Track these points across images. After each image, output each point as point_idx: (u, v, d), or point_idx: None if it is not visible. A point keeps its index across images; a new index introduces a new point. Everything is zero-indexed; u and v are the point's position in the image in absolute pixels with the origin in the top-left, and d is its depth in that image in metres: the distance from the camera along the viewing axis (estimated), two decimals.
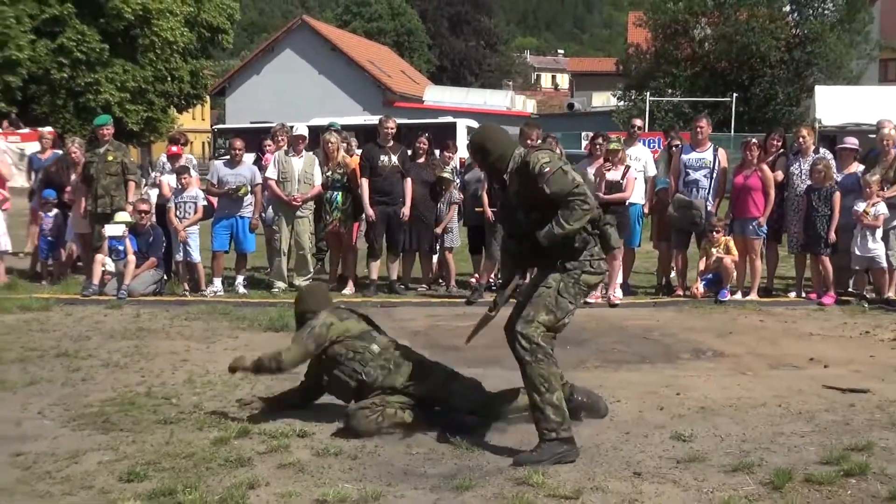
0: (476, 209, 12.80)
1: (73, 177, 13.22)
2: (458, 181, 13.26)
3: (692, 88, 42.94)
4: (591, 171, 12.05)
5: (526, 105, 60.50)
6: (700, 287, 12.09)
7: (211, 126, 57.31)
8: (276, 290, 12.45)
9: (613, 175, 11.69)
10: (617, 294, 11.86)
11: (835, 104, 28.11)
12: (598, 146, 12.28)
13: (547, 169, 5.88)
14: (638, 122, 14.03)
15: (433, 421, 6.43)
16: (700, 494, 5.20)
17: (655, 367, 8.50)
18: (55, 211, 13.56)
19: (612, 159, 11.74)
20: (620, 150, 11.86)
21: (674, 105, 42.36)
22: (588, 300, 11.68)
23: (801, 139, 12.41)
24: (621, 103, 46.59)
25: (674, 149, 12.93)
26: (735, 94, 39.36)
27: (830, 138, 22.46)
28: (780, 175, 12.22)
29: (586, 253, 6.08)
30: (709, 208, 12.13)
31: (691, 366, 8.53)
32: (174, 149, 13.20)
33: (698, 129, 12.40)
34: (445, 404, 6.57)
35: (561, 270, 6.09)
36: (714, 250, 12.08)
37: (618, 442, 6.16)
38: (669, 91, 43.23)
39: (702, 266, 12.24)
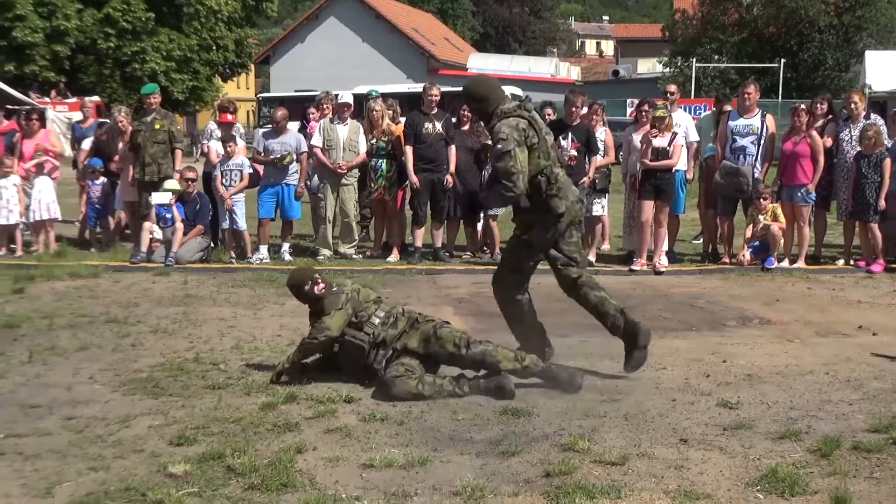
0: None
1: (120, 145, 13.31)
2: None
3: (739, 54, 42.48)
4: (637, 137, 11.98)
5: (570, 72, 59.99)
6: (747, 254, 12.00)
7: (255, 95, 57.51)
8: (322, 257, 12.50)
9: (660, 142, 11.60)
10: (663, 261, 11.80)
11: (885, 69, 27.70)
12: (644, 113, 12.19)
13: (500, 146, 6.63)
14: (672, 87, 13.91)
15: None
16: (747, 461, 5.18)
17: (701, 334, 8.47)
18: (102, 179, 13.68)
19: (658, 126, 11.65)
20: (667, 116, 11.76)
21: (720, 71, 41.93)
22: (633, 267, 11.67)
23: (851, 105, 12.24)
24: (667, 70, 46.14)
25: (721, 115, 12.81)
26: (783, 60, 38.87)
27: (880, 104, 22.16)
28: (829, 141, 12.08)
29: None
30: (756, 175, 12.02)
31: (738, 333, 8.49)
32: (229, 117, 13.25)
33: (746, 96, 12.26)
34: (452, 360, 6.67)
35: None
36: (761, 217, 11.98)
37: (664, 409, 6.15)
38: (716, 57, 42.79)
39: (749, 233, 12.15)
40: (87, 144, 14.54)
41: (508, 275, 7.44)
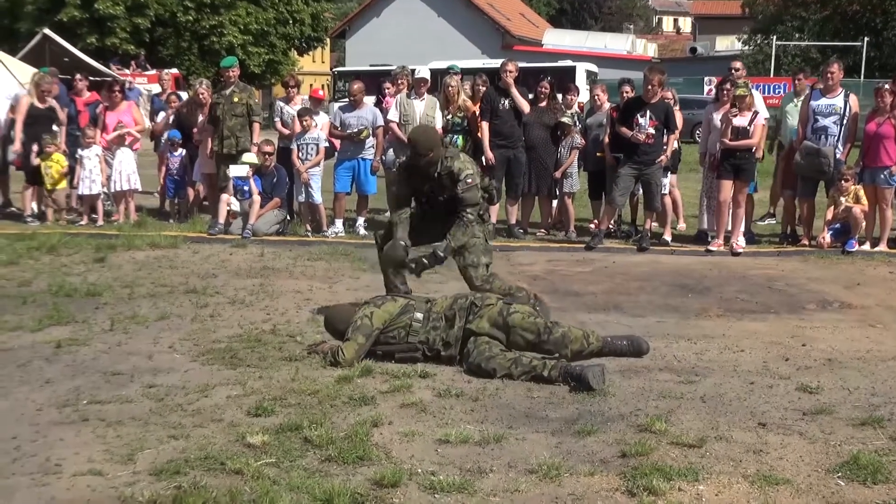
0: (597, 154, 12.68)
1: (200, 118, 13.45)
2: (579, 126, 13.12)
3: (821, 32, 41.64)
4: (717, 116, 11.82)
5: (647, 49, 59.30)
6: (827, 237, 11.79)
7: (331, 69, 57.74)
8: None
9: (740, 121, 11.42)
10: (740, 242, 11.64)
11: None
12: (724, 92, 12.01)
13: (470, 180, 7.69)
14: (737, 64, 13.68)
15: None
16: (827, 447, 5.10)
17: (780, 317, 8.34)
18: (181, 151, 13.85)
19: (739, 105, 11.47)
20: (748, 95, 11.57)
21: (801, 50, 41.13)
22: (710, 248, 11.54)
23: None
24: (746, 48, 45.42)
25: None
26: (866, 39, 38.00)
27: None
28: None
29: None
30: (838, 156, 11.80)
31: (817, 317, 8.34)
32: (320, 93, 13.32)
33: (829, 75, 12.01)
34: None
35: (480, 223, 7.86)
36: (843, 199, 11.75)
37: (742, 392, 6.07)
38: (797, 35, 41.97)
39: (829, 215, 11.93)
40: (163, 116, 14.75)
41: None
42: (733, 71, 13.11)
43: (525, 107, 12.36)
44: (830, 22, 41.96)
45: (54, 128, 13.61)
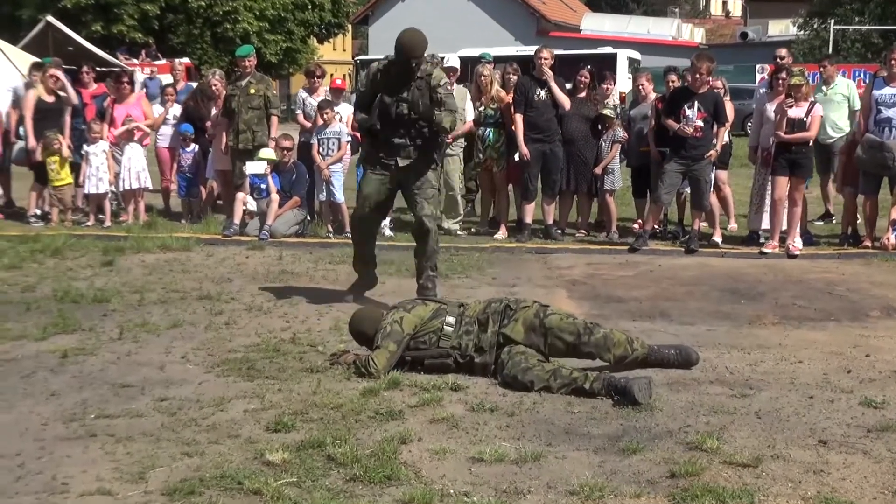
0: (641, 149, 12.65)
1: (213, 111, 13.50)
2: (621, 118, 13.08)
3: (883, 15, 41.31)
4: (770, 107, 11.76)
5: (694, 34, 59.15)
6: (892, 238, 11.70)
7: (353, 57, 57.86)
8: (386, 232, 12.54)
9: (796, 112, 11.35)
10: (797, 243, 11.57)
11: None
12: (779, 81, 11.94)
13: (446, 90, 8.47)
14: (782, 51, 13.62)
15: None
16: (894, 466, 5.05)
17: (841, 325, 8.28)
18: (193, 146, 13.91)
19: (794, 95, 11.40)
20: (804, 84, 11.51)
21: (862, 34, 40.83)
22: (764, 250, 11.48)
23: None
24: (802, 32, 45.15)
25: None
26: None
27: None
28: None
29: None
30: None
31: (882, 325, 8.27)
32: (339, 82, 13.35)
33: (893, 62, 11.92)
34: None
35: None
36: None
37: (800, 407, 6.02)
38: (857, 19, 41.67)
39: (894, 214, 11.83)
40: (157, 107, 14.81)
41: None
42: (779, 59, 13.05)
43: (566, 102, 12.32)
44: (894, 4, 41.62)
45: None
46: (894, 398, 6.16)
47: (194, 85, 15.61)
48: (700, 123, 11.36)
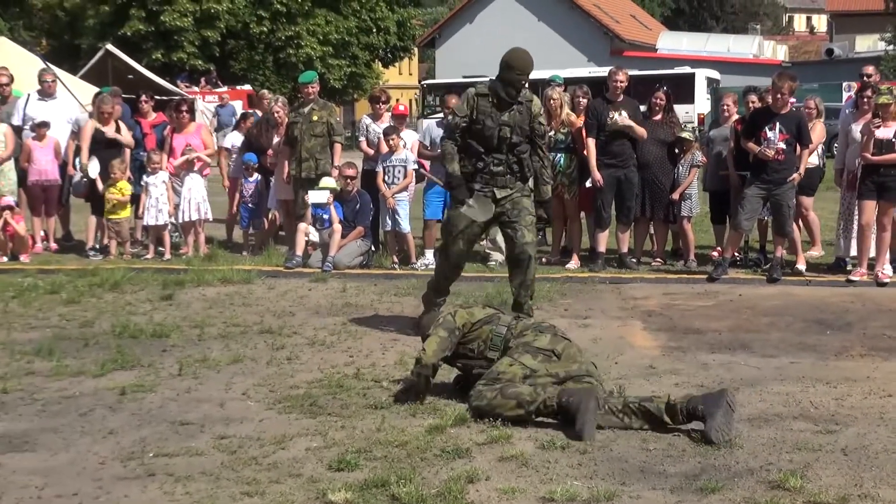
0: (720, 172, 12.57)
1: (275, 139, 13.64)
2: (698, 141, 13.02)
3: None
4: (856, 127, 11.64)
5: (776, 52, 58.67)
6: None
7: (419, 81, 58.22)
8: (493, 262, 12.55)
9: (884, 132, 11.23)
10: (886, 270, 11.41)
11: None
12: (865, 100, 11.83)
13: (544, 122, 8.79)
14: (869, 69, 13.45)
15: None
16: None
17: None
18: (256, 176, 14.06)
19: (882, 114, 11.29)
20: (893, 103, 11.38)
21: None
22: (852, 277, 11.33)
23: None
24: (891, 48, 44.61)
25: None
26: None
27: None
28: None
29: None
30: None
31: None
32: (401, 108, 13.45)
33: None
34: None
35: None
36: None
37: (889, 443, 5.94)
38: None
39: None
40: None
41: None
42: (865, 77, 12.91)
43: (643, 134, 12.30)
44: None
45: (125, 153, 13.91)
46: None
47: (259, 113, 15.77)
48: (782, 146, 11.25)
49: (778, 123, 11.32)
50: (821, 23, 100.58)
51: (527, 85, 12.62)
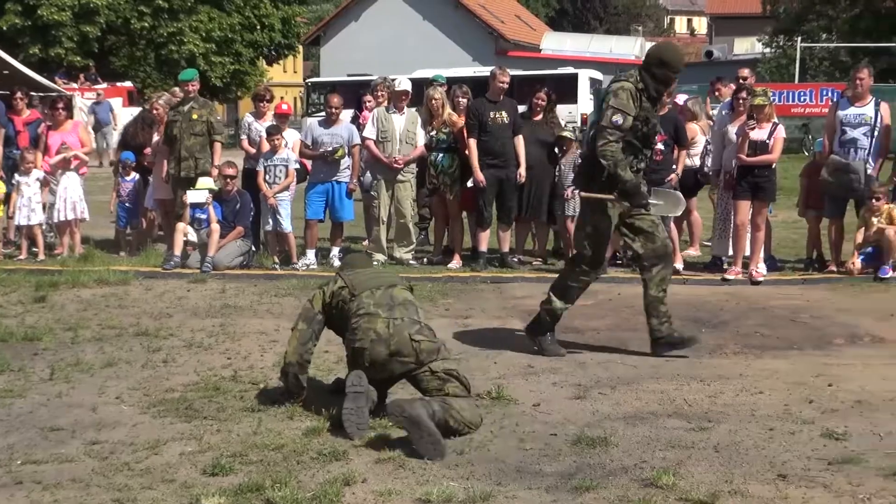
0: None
1: (154, 137, 13.45)
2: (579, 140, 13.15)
3: (851, 32, 41.79)
4: (732, 129, 11.86)
5: None
6: (857, 262, 11.81)
7: (304, 79, 57.86)
8: (376, 263, 12.50)
9: (758, 134, 11.46)
10: (760, 269, 11.66)
11: None
12: (740, 101, 12.06)
13: None
14: (745, 71, 13.79)
15: None
16: (855, 501, 5.10)
17: (804, 353, 8.35)
18: (134, 175, 13.84)
19: (757, 116, 11.52)
20: (767, 104, 11.63)
21: (829, 52, 41.31)
22: (727, 276, 11.55)
23: None
24: (768, 50, 45.61)
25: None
26: None
27: None
28: None
29: None
30: (869, 172, 11.83)
31: (846, 353, 8.36)
32: (284, 107, 13.34)
33: (858, 81, 12.06)
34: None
35: None
36: (875, 220, 11.78)
37: (760, 439, 6.07)
38: (824, 36, 42.15)
39: (859, 238, 11.95)
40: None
41: None
42: (741, 80, 13.18)
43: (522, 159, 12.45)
44: (861, 20, 42.06)
45: None
46: (856, 429, 6.22)
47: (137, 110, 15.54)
48: (661, 146, 11.42)
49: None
50: (701, 25, 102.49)
51: (409, 86, 12.67)
